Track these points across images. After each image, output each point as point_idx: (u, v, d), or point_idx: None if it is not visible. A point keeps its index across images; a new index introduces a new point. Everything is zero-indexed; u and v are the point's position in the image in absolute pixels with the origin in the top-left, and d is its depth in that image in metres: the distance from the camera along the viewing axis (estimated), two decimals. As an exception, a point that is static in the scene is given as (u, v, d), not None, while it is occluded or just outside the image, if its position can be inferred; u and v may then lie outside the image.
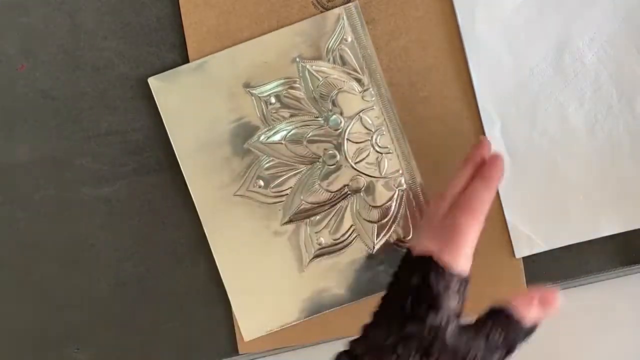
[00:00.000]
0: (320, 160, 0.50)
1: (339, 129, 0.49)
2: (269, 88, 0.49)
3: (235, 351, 0.51)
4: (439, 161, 0.50)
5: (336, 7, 0.49)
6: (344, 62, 0.49)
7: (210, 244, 0.50)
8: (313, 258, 0.50)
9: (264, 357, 0.52)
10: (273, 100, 0.49)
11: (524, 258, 0.49)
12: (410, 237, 0.50)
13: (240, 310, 0.50)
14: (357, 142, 0.50)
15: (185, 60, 0.49)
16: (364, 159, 0.49)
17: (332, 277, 0.50)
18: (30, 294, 0.52)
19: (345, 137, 0.49)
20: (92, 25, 0.50)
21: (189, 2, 0.49)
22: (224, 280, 0.50)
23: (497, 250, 0.50)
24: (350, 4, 0.49)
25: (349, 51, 0.49)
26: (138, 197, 0.51)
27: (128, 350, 0.52)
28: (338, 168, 0.49)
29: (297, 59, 0.49)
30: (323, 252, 0.50)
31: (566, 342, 0.51)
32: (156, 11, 0.50)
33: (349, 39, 0.49)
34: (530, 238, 0.49)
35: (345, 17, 0.49)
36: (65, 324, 0.52)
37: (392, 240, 0.50)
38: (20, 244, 0.52)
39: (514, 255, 0.49)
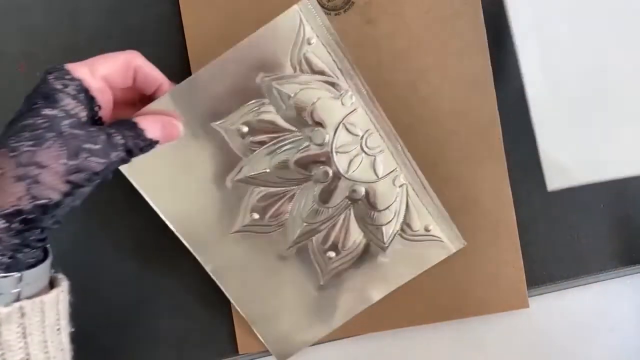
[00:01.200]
0: (312, 179, 0.46)
1: (324, 144, 0.46)
2: (238, 116, 0.45)
3: (235, 351, 0.51)
4: (438, 161, 0.49)
5: (336, 7, 0.48)
6: (312, 69, 0.44)
7: (220, 286, 0.49)
8: (327, 273, 0.49)
9: (264, 357, 0.52)
10: (245, 128, 0.45)
11: (523, 258, 0.49)
12: (417, 229, 0.49)
13: (266, 336, 0.50)
14: (346, 152, 0.46)
15: (186, 60, 0.49)
16: (357, 166, 0.46)
17: (349, 286, 0.49)
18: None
19: (333, 150, 0.46)
20: (92, 25, 0.50)
21: (189, 2, 0.49)
22: (242, 313, 0.50)
23: (498, 250, 0.50)
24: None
25: (315, 54, 0.44)
26: (138, 197, 0.51)
27: (128, 350, 0.52)
28: (333, 183, 0.46)
29: (261, 77, 0.44)
30: (336, 265, 0.49)
31: (566, 342, 0.51)
32: (156, 11, 0.50)
33: (313, 40, 0.44)
34: (565, 168, 0.45)
35: (303, 18, 0.43)
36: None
37: (403, 238, 0.48)
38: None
39: (516, 252, 0.49)
